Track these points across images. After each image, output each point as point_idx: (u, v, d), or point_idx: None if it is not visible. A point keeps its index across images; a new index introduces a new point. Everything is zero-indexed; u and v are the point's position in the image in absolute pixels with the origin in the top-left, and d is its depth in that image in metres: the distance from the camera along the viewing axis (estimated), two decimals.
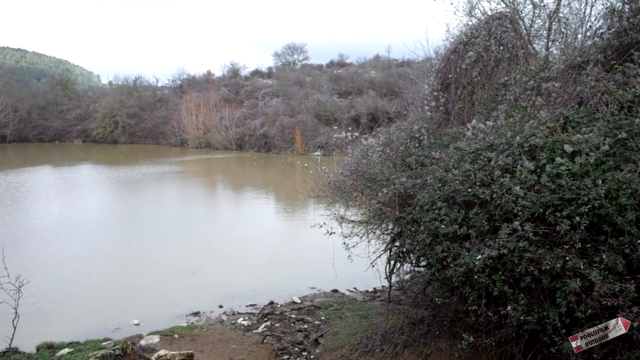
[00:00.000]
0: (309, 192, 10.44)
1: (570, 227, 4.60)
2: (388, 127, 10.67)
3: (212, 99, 66.17)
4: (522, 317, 4.88)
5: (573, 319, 4.66)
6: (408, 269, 8.88)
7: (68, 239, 19.82)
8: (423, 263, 7.82)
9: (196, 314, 12.52)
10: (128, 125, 70.59)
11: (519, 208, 4.92)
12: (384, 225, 8.10)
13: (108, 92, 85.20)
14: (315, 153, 49.49)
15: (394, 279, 8.61)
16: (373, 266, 8.17)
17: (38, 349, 8.40)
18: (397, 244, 7.94)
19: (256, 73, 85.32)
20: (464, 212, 5.65)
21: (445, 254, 5.63)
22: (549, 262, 4.56)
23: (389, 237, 8.28)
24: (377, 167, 8.03)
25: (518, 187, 5.01)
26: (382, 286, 13.41)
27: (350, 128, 11.99)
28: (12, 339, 6.07)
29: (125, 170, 42.45)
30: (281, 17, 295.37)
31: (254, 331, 11.04)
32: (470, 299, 5.46)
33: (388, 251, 8.18)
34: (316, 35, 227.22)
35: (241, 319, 11.94)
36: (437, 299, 7.66)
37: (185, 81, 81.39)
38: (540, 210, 4.84)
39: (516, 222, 4.86)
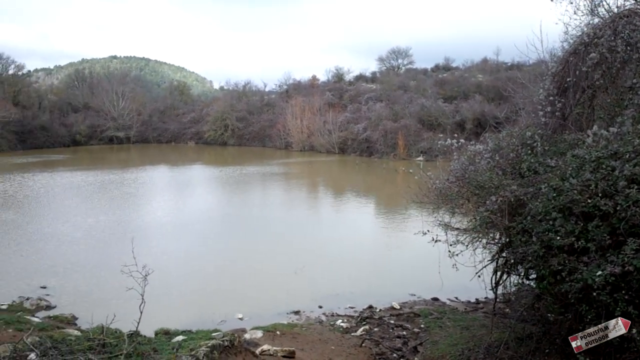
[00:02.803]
0: (412, 197, 10.31)
1: None
2: (496, 133, 10.25)
3: (316, 104, 67.57)
4: None
5: None
6: (515, 281, 8.47)
7: (177, 235, 21.16)
8: (533, 276, 7.43)
9: (297, 312, 12.84)
10: (237, 128, 74.08)
11: None
12: (491, 235, 7.80)
13: (219, 96, 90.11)
14: (418, 158, 48.74)
15: (499, 290, 8.26)
16: (479, 276, 7.89)
17: (156, 334, 9.09)
18: (504, 254, 7.62)
19: (360, 78, 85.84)
20: (581, 224, 5.30)
21: (560, 268, 5.31)
22: None
23: (496, 247, 7.96)
24: (486, 174, 7.75)
25: None
26: (486, 297, 12.93)
27: (455, 134, 11.67)
28: (138, 323, 6.61)
29: (233, 171, 44.62)
30: (386, 21, 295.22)
31: (352, 334, 11.10)
32: (588, 317, 5.11)
33: (495, 261, 7.87)
34: (422, 39, 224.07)
35: (340, 320, 12.06)
36: (548, 314, 7.24)
37: (291, 86, 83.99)
38: None
39: None
